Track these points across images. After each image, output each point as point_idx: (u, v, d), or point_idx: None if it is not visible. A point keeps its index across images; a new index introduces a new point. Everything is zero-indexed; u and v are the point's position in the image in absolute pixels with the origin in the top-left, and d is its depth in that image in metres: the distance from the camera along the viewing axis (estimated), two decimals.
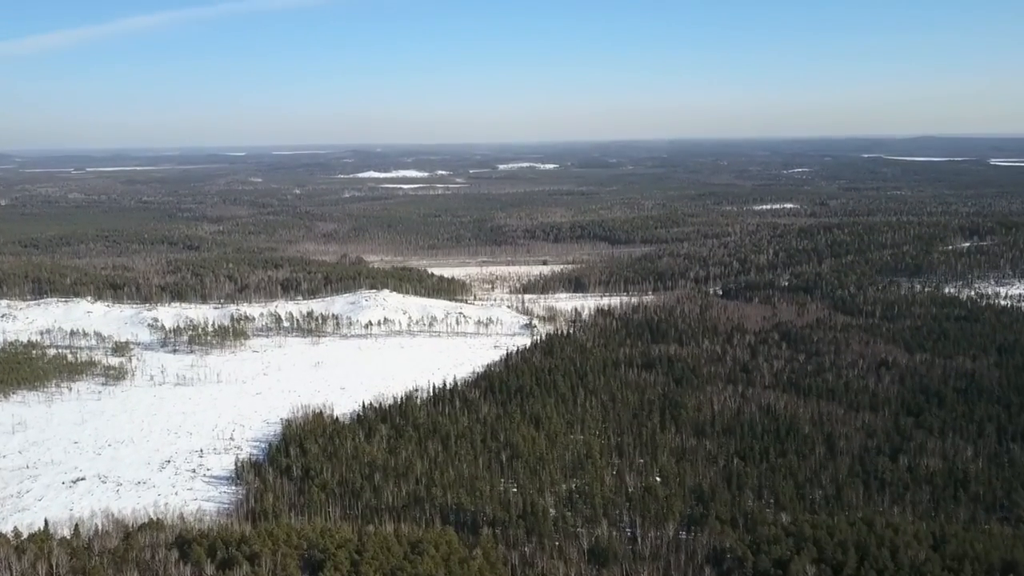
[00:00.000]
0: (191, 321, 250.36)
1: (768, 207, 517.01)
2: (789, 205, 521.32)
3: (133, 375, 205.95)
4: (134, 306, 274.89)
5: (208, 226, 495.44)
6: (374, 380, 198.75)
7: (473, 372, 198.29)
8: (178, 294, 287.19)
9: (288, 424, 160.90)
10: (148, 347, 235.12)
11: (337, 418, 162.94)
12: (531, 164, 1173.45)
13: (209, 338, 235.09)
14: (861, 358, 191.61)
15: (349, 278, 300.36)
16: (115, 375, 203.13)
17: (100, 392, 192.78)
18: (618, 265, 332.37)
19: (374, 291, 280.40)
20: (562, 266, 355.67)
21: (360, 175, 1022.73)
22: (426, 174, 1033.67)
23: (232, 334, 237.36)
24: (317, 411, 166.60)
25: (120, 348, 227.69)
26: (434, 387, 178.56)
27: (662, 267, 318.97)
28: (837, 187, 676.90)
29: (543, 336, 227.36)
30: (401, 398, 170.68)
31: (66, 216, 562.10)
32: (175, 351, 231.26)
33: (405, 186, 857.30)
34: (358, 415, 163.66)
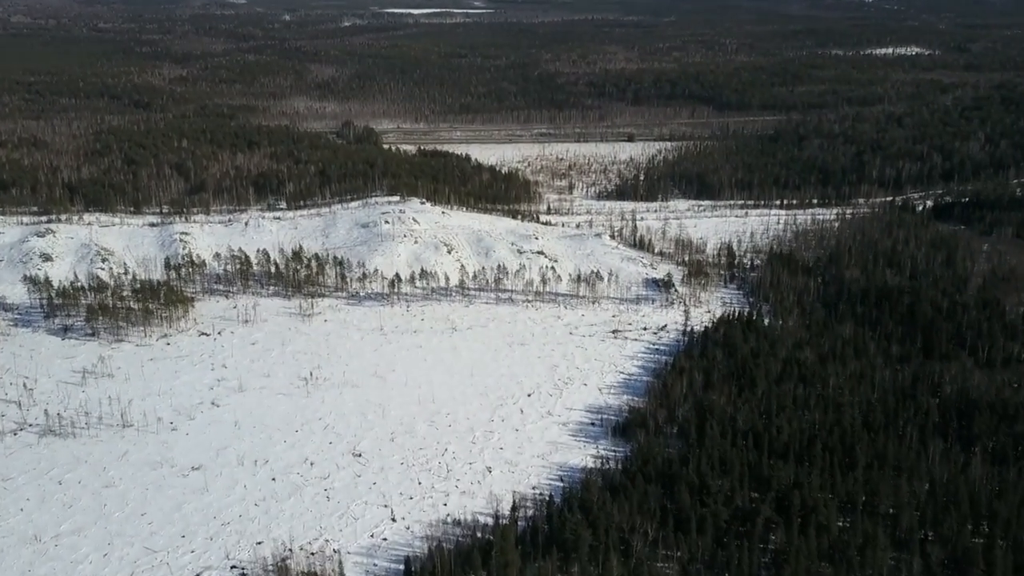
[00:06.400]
0: (102, 261, 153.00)
1: (890, 51, 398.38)
2: (916, 49, 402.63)
3: None
4: (23, 222, 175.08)
5: (169, 69, 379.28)
6: (415, 425, 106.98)
7: (599, 411, 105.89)
8: (96, 198, 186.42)
9: None
10: (23, 320, 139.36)
11: None
12: None
13: (127, 308, 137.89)
14: None
15: (357, 174, 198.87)
16: None
17: None
18: (749, 152, 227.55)
19: (396, 201, 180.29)
20: (657, 144, 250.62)
21: None
22: None
23: (165, 298, 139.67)
24: None
25: None
26: (546, 501, 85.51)
27: (818, 158, 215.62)
28: (952, 24, 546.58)
29: (702, 321, 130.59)
30: (487, 539, 78.90)
31: None
32: (66, 331, 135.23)
33: (415, 11, 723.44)
34: None
